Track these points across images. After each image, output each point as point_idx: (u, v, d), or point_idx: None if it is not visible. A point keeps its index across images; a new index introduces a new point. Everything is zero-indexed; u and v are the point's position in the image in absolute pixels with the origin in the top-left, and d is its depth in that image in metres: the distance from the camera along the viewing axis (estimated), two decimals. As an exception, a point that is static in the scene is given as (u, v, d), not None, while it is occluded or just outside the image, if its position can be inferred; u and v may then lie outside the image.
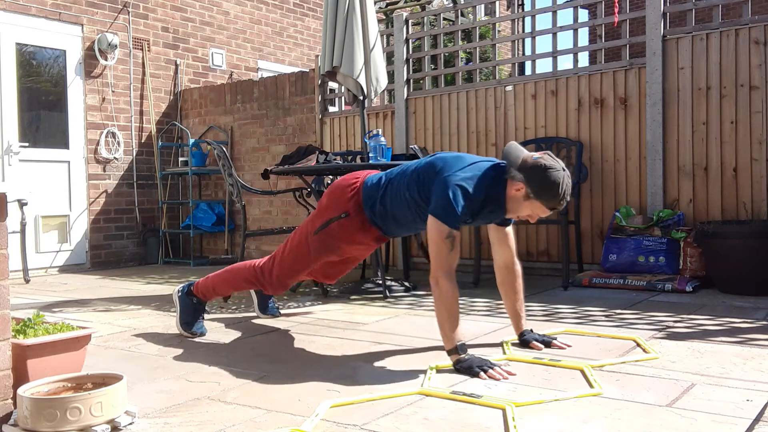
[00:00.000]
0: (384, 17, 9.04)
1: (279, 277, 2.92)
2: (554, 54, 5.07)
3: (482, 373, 2.28)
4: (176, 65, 7.28)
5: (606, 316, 3.35)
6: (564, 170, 2.38)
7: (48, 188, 6.23)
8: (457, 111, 5.49)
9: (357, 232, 2.75)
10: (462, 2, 6.78)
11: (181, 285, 3.19)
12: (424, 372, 2.35)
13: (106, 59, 6.63)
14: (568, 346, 2.68)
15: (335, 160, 4.28)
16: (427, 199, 2.51)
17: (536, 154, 2.42)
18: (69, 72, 6.41)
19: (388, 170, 2.77)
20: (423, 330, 3.10)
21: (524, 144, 5.05)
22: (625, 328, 3.05)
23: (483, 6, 7.65)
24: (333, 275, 3.15)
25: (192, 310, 3.12)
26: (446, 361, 2.42)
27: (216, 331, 3.23)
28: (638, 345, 2.70)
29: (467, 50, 6.87)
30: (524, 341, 2.71)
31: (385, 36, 5.96)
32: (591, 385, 2.15)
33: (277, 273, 2.91)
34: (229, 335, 3.13)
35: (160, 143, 7.05)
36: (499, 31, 5.96)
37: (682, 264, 4.22)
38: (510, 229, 2.73)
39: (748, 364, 2.38)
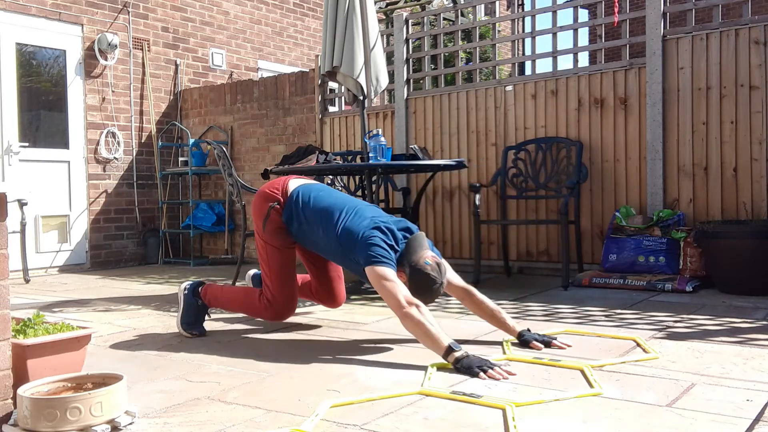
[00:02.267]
0: (384, 17, 9.04)
1: (281, 297, 2.99)
2: (554, 54, 5.07)
3: (482, 373, 2.28)
4: (176, 65, 7.28)
5: (606, 316, 3.35)
6: (441, 284, 2.64)
7: (48, 188, 6.23)
8: (457, 111, 5.49)
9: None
10: (462, 2, 6.78)
11: (188, 282, 3.18)
12: (424, 372, 2.35)
13: (106, 59, 6.63)
14: (569, 346, 2.68)
15: (335, 160, 4.28)
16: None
17: (428, 259, 2.65)
18: (69, 72, 6.41)
19: (310, 194, 2.97)
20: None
21: (524, 144, 5.05)
22: (625, 328, 3.05)
23: (483, 6, 7.65)
24: (332, 297, 3.23)
25: (195, 311, 3.12)
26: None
27: (216, 331, 3.23)
28: (638, 345, 2.70)
29: (467, 50, 6.88)
30: (524, 341, 2.71)
31: (385, 36, 5.96)
32: (591, 385, 2.15)
33: (273, 292, 3.00)
34: (229, 335, 3.13)
35: (160, 143, 7.05)
36: (499, 31, 5.96)
37: (682, 264, 4.22)
38: (449, 273, 2.85)
39: (748, 364, 2.38)
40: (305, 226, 2.91)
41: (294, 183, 3.04)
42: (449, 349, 2.39)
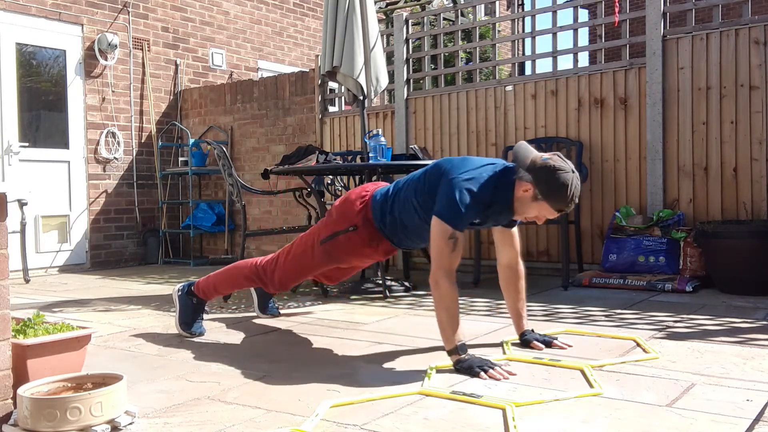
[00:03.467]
0: (384, 17, 9.04)
1: (281, 279, 2.95)
2: (554, 54, 5.07)
3: (482, 373, 2.27)
4: (176, 65, 7.28)
5: (606, 316, 3.35)
6: (573, 172, 2.35)
7: (48, 188, 6.23)
8: (457, 111, 5.49)
9: (364, 246, 2.74)
10: (462, 2, 6.77)
11: (181, 284, 3.19)
12: (424, 372, 2.35)
13: (106, 59, 6.63)
14: (569, 346, 2.68)
15: (335, 160, 4.28)
16: (434, 204, 2.48)
17: (546, 155, 2.39)
18: (69, 72, 6.41)
19: (396, 181, 2.75)
20: (423, 330, 3.09)
21: (524, 144, 5.05)
22: (625, 328, 3.05)
23: (483, 6, 7.65)
24: (335, 278, 3.17)
25: (192, 310, 3.12)
26: (446, 361, 2.42)
27: (216, 331, 3.23)
28: (638, 345, 2.70)
29: (467, 50, 6.87)
30: (525, 341, 2.71)
31: (385, 36, 5.96)
32: (591, 385, 2.15)
33: (279, 276, 2.94)
34: (229, 335, 3.13)
35: (160, 143, 7.05)
36: (499, 31, 5.96)
37: (682, 264, 4.22)
38: (515, 230, 2.74)
39: (748, 364, 2.38)
40: (397, 201, 2.64)
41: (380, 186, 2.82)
42: (456, 349, 2.37)
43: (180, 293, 3.14)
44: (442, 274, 2.40)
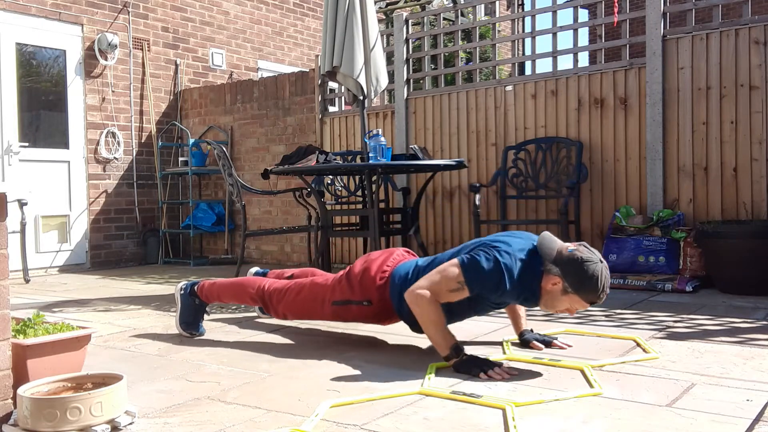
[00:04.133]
0: (384, 17, 9.04)
1: (284, 312, 2.97)
2: (554, 54, 5.08)
3: (482, 373, 2.27)
4: (176, 65, 7.28)
5: (606, 316, 3.35)
6: (601, 262, 2.27)
7: (48, 188, 6.23)
8: (457, 111, 5.49)
9: (374, 317, 2.76)
10: (462, 2, 6.77)
11: (184, 283, 3.18)
12: (424, 372, 2.35)
13: (106, 59, 6.63)
14: (569, 346, 2.68)
15: (335, 160, 4.28)
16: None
17: (571, 246, 2.33)
18: (69, 72, 6.41)
19: (416, 262, 2.71)
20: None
21: (524, 144, 5.05)
22: (625, 328, 3.05)
23: (483, 6, 7.65)
24: None
25: (193, 310, 3.12)
26: (446, 361, 2.42)
27: (216, 331, 3.23)
28: (638, 345, 2.70)
29: (467, 50, 6.87)
30: (524, 341, 2.71)
31: (385, 36, 5.96)
32: (591, 385, 2.15)
33: (283, 309, 2.95)
34: (229, 335, 3.13)
35: (160, 143, 7.05)
36: (499, 31, 5.96)
37: (682, 264, 4.22)
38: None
39: (748, 364, 2.38)
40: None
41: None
42: (451, 353, 2.37)
43: (182, 292, 3.13)
44: (428, 293, 2.37)
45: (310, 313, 2.90)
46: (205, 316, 3.25)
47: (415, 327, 2.66)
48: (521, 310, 2.77)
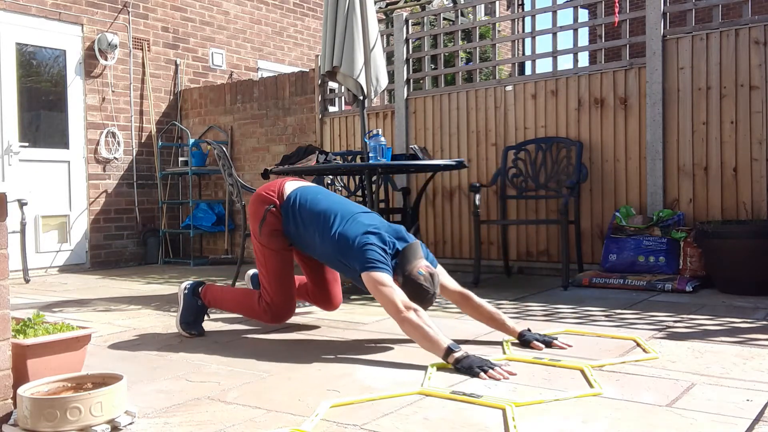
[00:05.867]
0: (384, 17, 9.04)
1: (279, 300, 2.98)
2: (554, 54, 5.07)
3: (482, 373, 2.28)
4: (176, 65, 7.28)
5: (606, 316, 3.35)
6: (434, 294, 2.67)
7: (48, 188, 6.23)
8: (457, 111, 5.49)
9: (274, 226, 2.98)
10: (462, 2, 6.78)
11: (188, 282, 3.18)
12: (424, 372, 2.35)
13: (106, 59, 6.63)
14: (569, 346, 2.68)
15: (335, 160, 4.28)
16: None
17: (422, 269, 2.67)
18: (69, 72, 6.41)
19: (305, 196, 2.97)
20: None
21: (524, 144, 5.05)
22: (625, 328, 3.05)
23: (483, 6, 7.66)
24: (328, 300, 3.23)
25: (195, 311, 3.12)
26: (446, 361, 2.43)
27: (216, 331, 3.23)
28: (638, 345, 2.70)
29: (467, 50, 6.88)
30: (525, 341, 2.71)
31: (385, 36, 5.96)
32: (591, 385, 2.15)
33: (271, 295, 2.99)
34: (229, 335, 3.13)
35: (160, 143, 7.05)
36: (499, 31, 5.96)
37: (682, 264, 4.22)
38: (445, 278, 2.87)
39: (748, 364, 2.38)
40: (301, 229, 2.90)
41: (291, 185, 3.04)
42: (449, 350, 2.39)
43: (186, 292, 3.13)
44: (402, 310, 2.53)
45: (274, 269, 3.01)
46: (206, 318, 3.25)
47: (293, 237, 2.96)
48: (497, 313, 2.81)
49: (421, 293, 2.63)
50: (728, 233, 3.94)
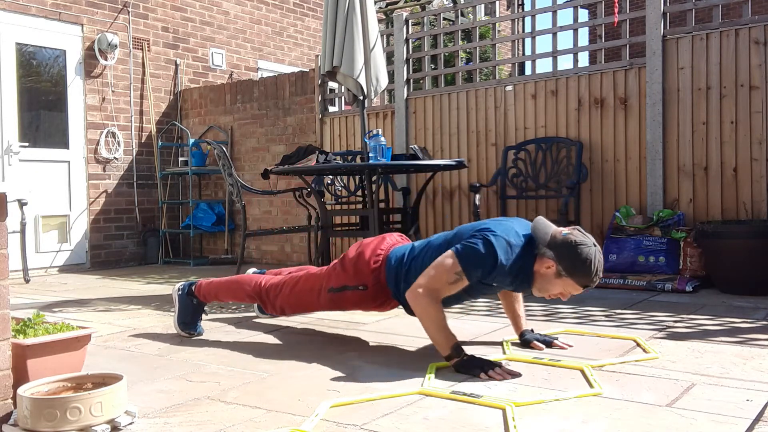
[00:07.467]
0: (384, 17, 9.04)
1: (281, 307, 2.97)
2: (554, 54, 5.07)
3: (482, 374, 2.27)
4: (176, 65, 7.28)
5: (606, 316, 3.35)
6: (595, 245, 2.30)
7: (48, 188, 6.23)
8: (457, 111, 5.49)
9: (371, 302, 2.74)
10: (462, 2, 6.78)
11: (181, 284, 3.18)
12: (424, 372, 2.35)
13: (106, 59, 6.63)
14: (570, 346, 2.68)
15: (335, 160, 4.28)
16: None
17: (565, 230, 2.36)
18: (69, 72, 6.41)
19: (412, 245, 2.71)
20: (423, 330, 3.08)
21: (524, 144, 5.05)
22: (625, 328, 3.05)
23: (483, 6, 7.65)
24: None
25: (191, 310, 3.12)
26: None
27: (216, 331, 3.23)
28: (638, 345, 2.70)
29: (467, 50, 6.88)
30: (525, 341, 2.71)
31: (385, 36, 5.96)
32: (591, 385, 2.15)
33: (280, 303, 2.95)
34: (229, 335, 3.13)
35: (160, 143, 7.05)
36: (499, 31, 5.96)
37: (682, 264, 4.22)
38: (520, 295, 2.73)
39: (748, 364, 2.38)
40: (413, 268, 2.59)
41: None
42: (452, 353, 2.37)
43: (180, 293, 3.14)
44: (427, 291, 2.37)
45: (306, 305, 2.90)
46: (204, 316, 3.25)
47: (412, 311, 2.63)
48: (520, 309, 2.77)
49: (581, 253, 2.26)
50: (728, 233, 3.94)
